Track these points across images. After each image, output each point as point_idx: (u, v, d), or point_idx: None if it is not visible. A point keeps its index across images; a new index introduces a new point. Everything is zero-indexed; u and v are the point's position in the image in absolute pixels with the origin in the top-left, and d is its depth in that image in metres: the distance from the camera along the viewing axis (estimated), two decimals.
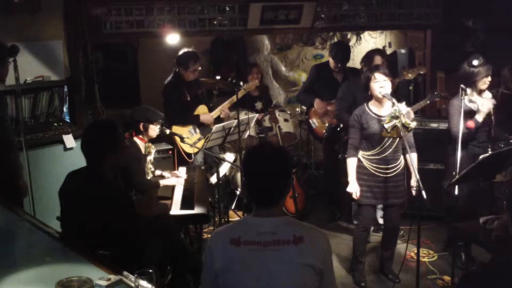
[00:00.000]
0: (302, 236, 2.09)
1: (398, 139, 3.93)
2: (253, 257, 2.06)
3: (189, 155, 5.06)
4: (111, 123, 3.18)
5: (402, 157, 4.04)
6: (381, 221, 4.92)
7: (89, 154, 3.02)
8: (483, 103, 4.21)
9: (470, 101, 4.23)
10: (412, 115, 4.32)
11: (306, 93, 5.64)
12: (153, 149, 4.30)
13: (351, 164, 4.05)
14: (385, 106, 3.99)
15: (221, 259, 2.10)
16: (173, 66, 5.19)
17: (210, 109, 5.36)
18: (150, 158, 4.28)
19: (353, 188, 4.04)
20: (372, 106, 4.02)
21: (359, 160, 4.05)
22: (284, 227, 2.12)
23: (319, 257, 2.09)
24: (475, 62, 4.19)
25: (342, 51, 5.34)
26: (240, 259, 2.08)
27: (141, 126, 4.11)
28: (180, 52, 5.11)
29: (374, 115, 3.98)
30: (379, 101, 3.98)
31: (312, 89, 5.56)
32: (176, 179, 4.36)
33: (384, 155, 3.97)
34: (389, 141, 3.94)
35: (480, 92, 4.27)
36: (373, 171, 4.00)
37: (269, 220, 2.12)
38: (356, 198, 4.06)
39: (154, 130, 4.16)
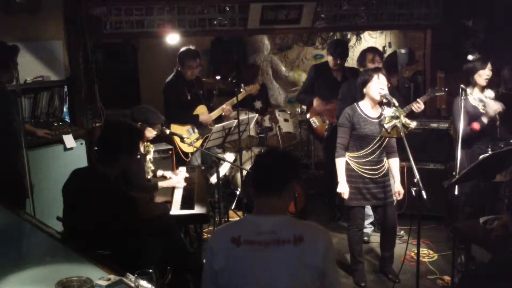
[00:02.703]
0: (302, 235, 2.09)
1: (385, 141, 3.95)
2: (254, 257, 2.07)
3: (186, 154, 5.05)
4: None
5: (385, 159, 4.07)
6: None
7: (106, 150, 3.01)
8: (488, 103, 4.19)
9: (480, 100, 4.21)
10: (422, 106, 4.33)
11: (306, 93, 5.65)
12: (151, 148, 4.29)
13: (340, 164, 4.03)
14: (378, 108, 3.99)
15: (222, 258, 2.11)
16: (175, 65, 5.19)
17: (210, 110, 5.36)
18: (149, 157, 4.27)
19: (343, 188, 4.00)
20: (364, 107, 4.00)
21: (346, 162, 4.04)
22: (284, 226, 2.12)
23: (320, 256, 2.09)
24: (470, 57, 4.22)
25: (341, 47, 5.35)
26: (241, 259, 2.08)
27: (139, 126, 4.10)
28: (180, 50, 5.11)
29: (366, 117, 3.97)
30: (374, 102, 3.96)
31: (312, 89, 5.57)
32: (175, 181, 4.33)
33: (372, 156, 3.97)
34: (378, 143, 3.95)
35: (482, 90, 4.27)
36: (361, 173, 4.00)
37: (269, 219, 2.13)
38: (346, 198, 4.05)
39: (151, 132, 4.13)
